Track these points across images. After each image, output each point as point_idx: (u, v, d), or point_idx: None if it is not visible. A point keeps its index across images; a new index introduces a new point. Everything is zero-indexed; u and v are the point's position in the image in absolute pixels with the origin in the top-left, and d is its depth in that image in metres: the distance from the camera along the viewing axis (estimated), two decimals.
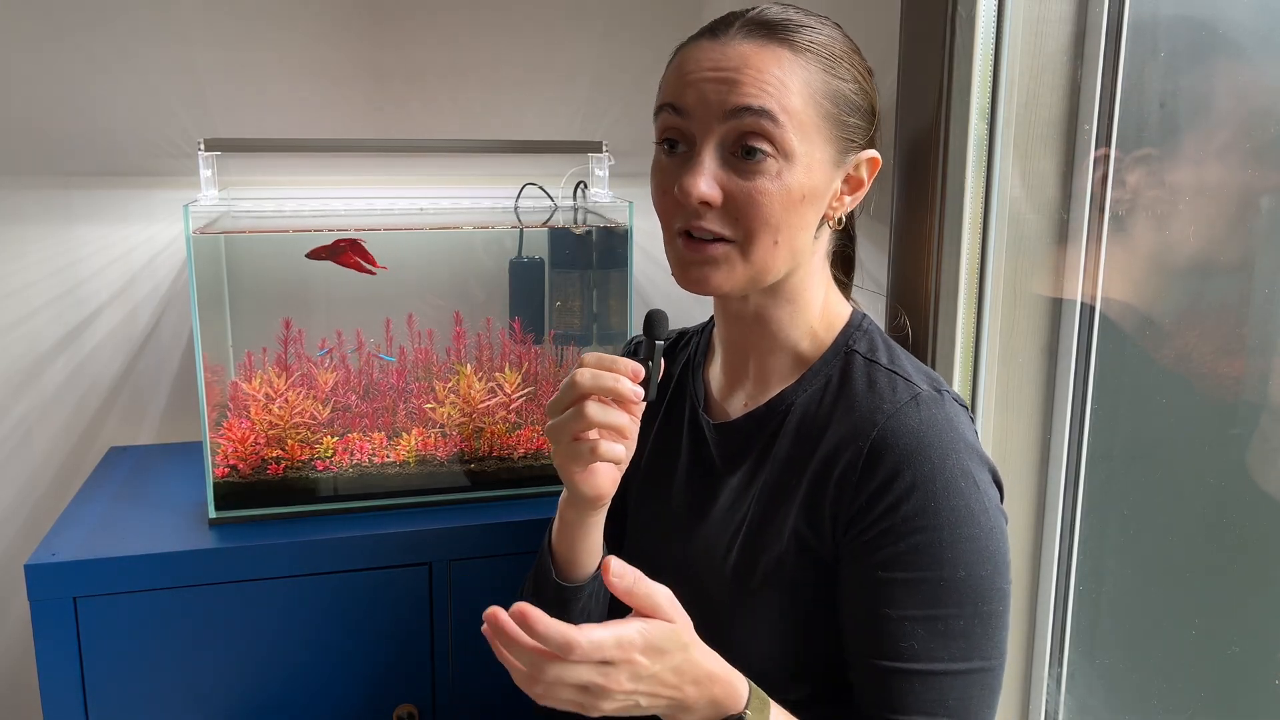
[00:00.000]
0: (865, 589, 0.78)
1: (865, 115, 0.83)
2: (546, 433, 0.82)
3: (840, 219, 0.85)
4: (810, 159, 0.79)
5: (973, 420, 0.83)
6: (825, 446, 0.82)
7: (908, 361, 0.85)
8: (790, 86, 0.78)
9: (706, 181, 0.78)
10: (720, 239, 0.80)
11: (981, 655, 0.77)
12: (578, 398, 0.79)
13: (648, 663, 0.68)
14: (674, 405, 0.98)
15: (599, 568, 0.88)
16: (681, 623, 0.71)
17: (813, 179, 0.80)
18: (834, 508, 0.80)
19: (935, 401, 0.80)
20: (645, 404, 0.82)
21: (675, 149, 0.82)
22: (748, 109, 0.77)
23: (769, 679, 0.84)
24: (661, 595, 0.71)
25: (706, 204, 0.79)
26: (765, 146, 0.77)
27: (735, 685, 0.74)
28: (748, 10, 0.82)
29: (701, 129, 0.79)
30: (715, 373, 0.96)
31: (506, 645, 0.67)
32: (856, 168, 0.84)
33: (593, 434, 0.79)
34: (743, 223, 0.79)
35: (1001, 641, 0.78)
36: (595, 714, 0.69)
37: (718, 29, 0.81)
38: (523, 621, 0.66)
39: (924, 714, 0.76)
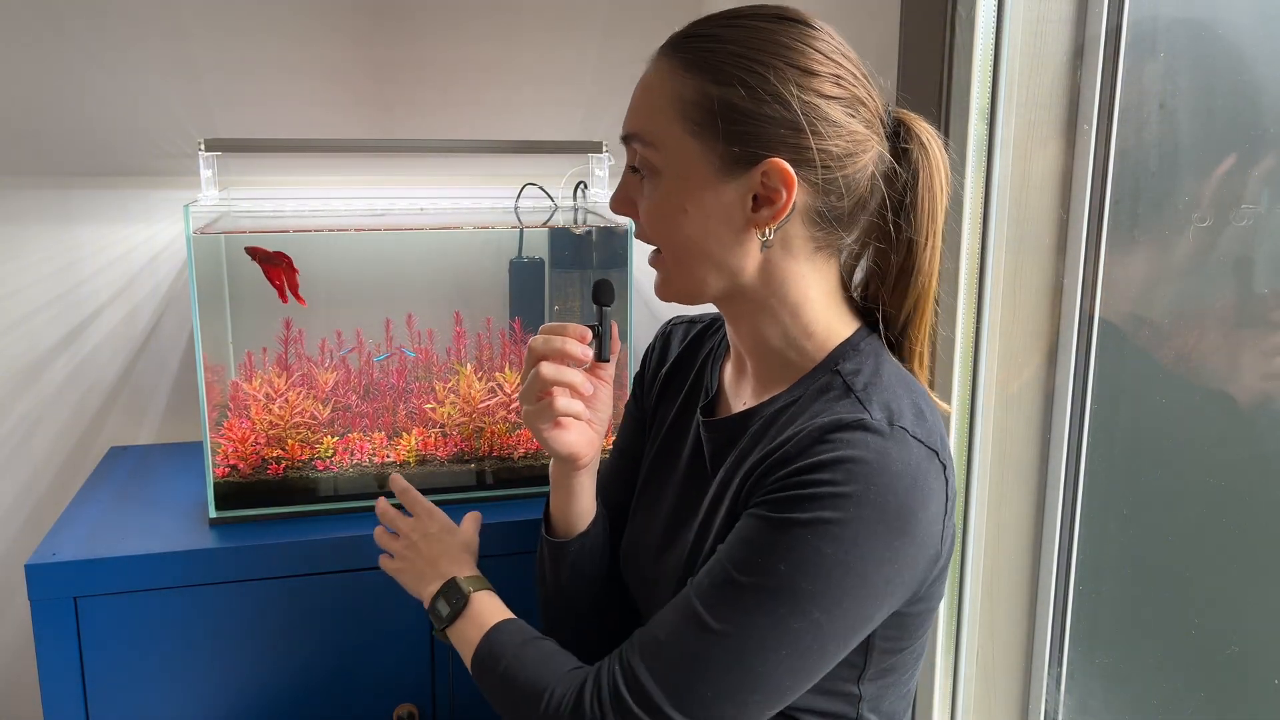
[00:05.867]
0: (729, 526, 0.80)
1: (772, 122, 0.77)
2: (518, 399, 0.95)
3: (767, 237, 0.79)
4: (682, 172, 0.80)
5: (945, 468, 0.77)
6: (766, 451, 0.80)
7: (881, 391, 0.79)
8: (657, 104, 0.80)
9: (614, 199, 0.87)
10: (658, 250, 0.86)
11: (742, 644, 0.73)
12: (534, 361, 0.89)
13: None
14: (689, 398, 0.99)
15: (590, 524, 0.98)
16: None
17: (689, 191, 0.79)
18: (749, 495, 0.79)
19: (880, 433, 0.75)
20: (609, 364, 0.95)
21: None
22: (626, 136, 0.83)
23: None
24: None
25: (631, 218, 0.86)
26: (641, 166, 0.82)
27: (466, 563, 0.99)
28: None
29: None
30: (728, 369, 0.96)
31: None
32: (765, 177, 0.77)
33: (555, 394, 0.89)
34: (649, 237, 0.85)
35: (773, 657, 0.73)
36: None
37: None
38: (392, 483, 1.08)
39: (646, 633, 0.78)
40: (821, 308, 0.85)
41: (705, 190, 0.79)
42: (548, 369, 0.88)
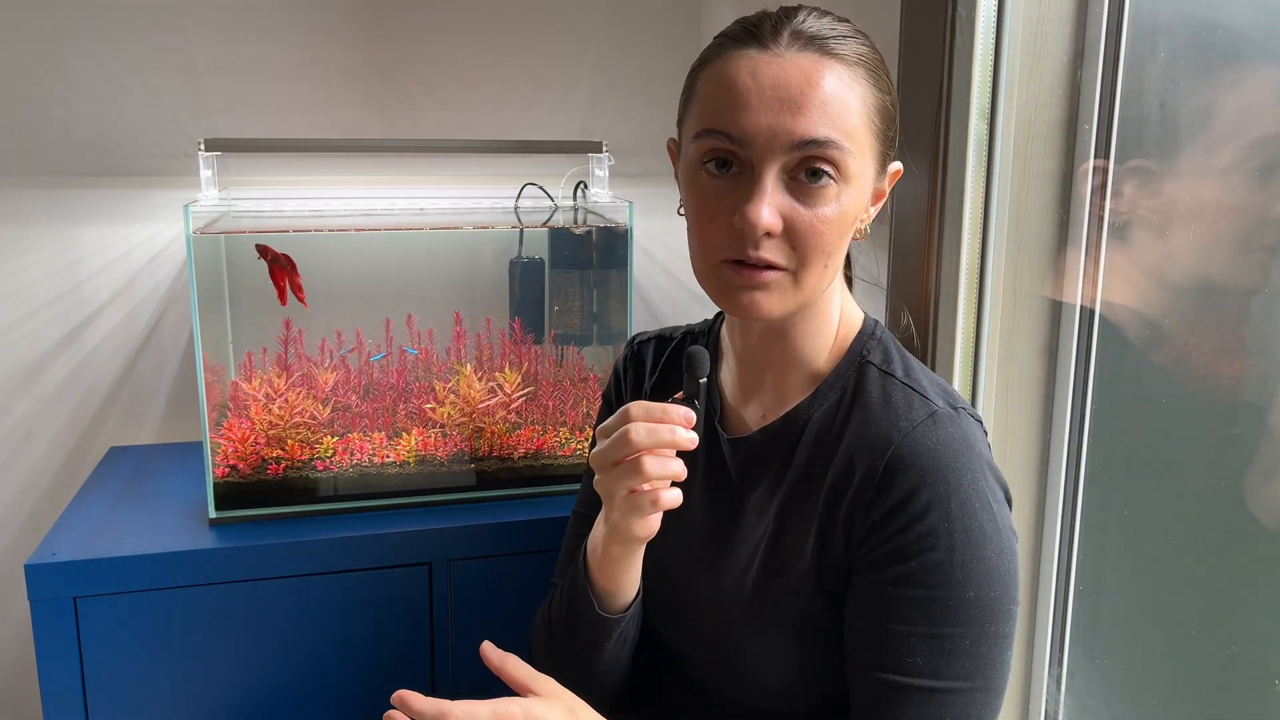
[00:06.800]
0: (873, 603, 0.77)
1: (895, 126, 0.81)
2: (599, 489, 0.80)
3: (865, 230, 0.84)
4: (863, 178, 0.77)
5: (986, 434, 0.82)
6: (839, 460, 0.81)
7: (923, 375, 0.83)
8: (851, 106, 0.74)
9: (771, 211, 0.74)
10: (772, 266, 0.76)
11: (984, 675, 0.76)
12: (630, 448, 0.77)
13: None
14: None
15: (637, 594, 0.90)
16: (563, 699, 0.79)
17: (863, 198, 0.78)
18: (847, 523, 0.79)
19: (951, 419, 0.78)
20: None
21: (726, 169, 0.76)
22: (814, 140, 0.73)
23: (781, 692, 0.84)
24: (540, 678, 0.80)
25: (768, 233, 0.75)
26: (830, 170, 0.74)
27: None
28: (786, 15, 0.77)
29: (762, 156, 0.74)
30: (728, 380, 0.93)
31: None
32: (890, 180, 0.83)
33: (647, 484, 0.78)
34: (800, 251, 0.75)
35: (1005, 662, 0.77)
36: None
37: (764, 36, 0.75)
38: (401, 704, 0.76)
39: None
40: (844, 302, 0.87)
41: (867, 194, 0.80)
42: (653, 465, 0.76)
